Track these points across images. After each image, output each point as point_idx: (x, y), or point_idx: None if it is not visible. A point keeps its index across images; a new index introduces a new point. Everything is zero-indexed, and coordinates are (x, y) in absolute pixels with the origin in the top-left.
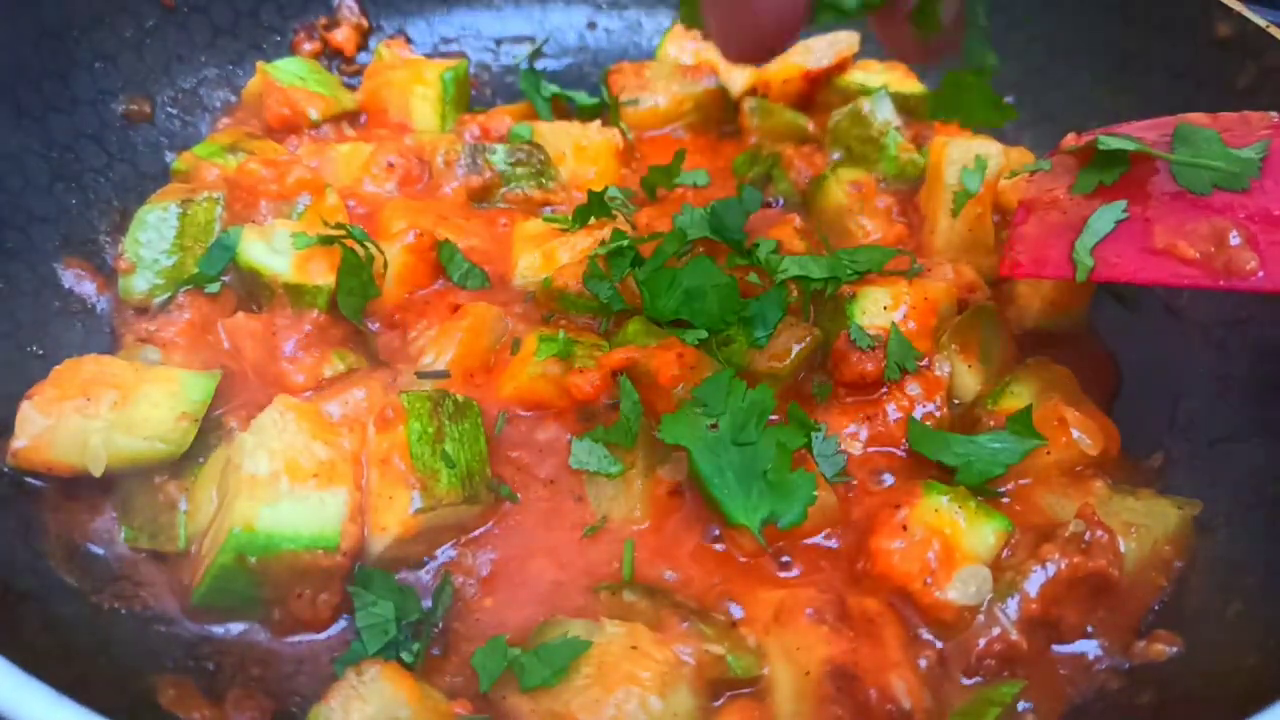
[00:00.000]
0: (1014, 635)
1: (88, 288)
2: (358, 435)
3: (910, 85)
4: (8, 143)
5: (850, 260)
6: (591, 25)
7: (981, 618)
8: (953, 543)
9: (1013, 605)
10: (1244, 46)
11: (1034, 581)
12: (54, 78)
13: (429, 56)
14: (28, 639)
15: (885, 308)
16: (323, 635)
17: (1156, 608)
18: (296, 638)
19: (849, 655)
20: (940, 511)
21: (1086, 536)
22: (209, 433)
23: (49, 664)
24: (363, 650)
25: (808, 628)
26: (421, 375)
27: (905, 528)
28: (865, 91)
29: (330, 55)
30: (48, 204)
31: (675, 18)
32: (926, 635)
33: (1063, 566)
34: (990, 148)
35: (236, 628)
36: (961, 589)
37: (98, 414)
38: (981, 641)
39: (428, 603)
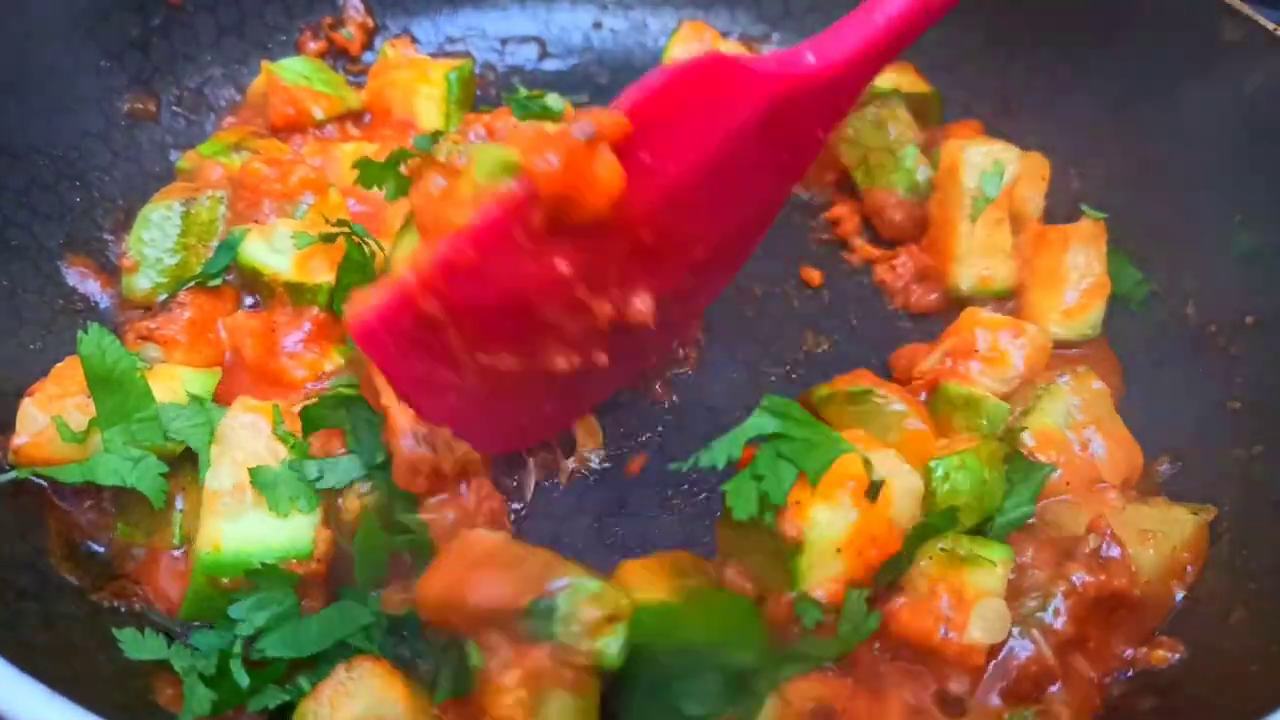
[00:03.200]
0: (1049, 657)
1: (91, 286)
2: None
3: (920, 86)
4: (13, 140)
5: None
6: (597, 25)
7: (1012, 645)
8: (960, 585)
9: (1044, 627)
10: (1251, 49)
11: (1061, 601)
12: (59, 76)
13: (434, 56)
14: (26, 636)
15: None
16: None
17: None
18: None
19: (843, 701)
20: (935, 559)
21: (1102, 551)
22: None
23: (47, 661)
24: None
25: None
26: None
27: (903, 586)
28: (877, 94)
29: (336, 54)
30: (52, 202)
31: (681, 18)
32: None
33: (1088, 583)
34: (1008, 153)
35: None
36: (984, 626)
37: None
38: (1015, 667)
39: None
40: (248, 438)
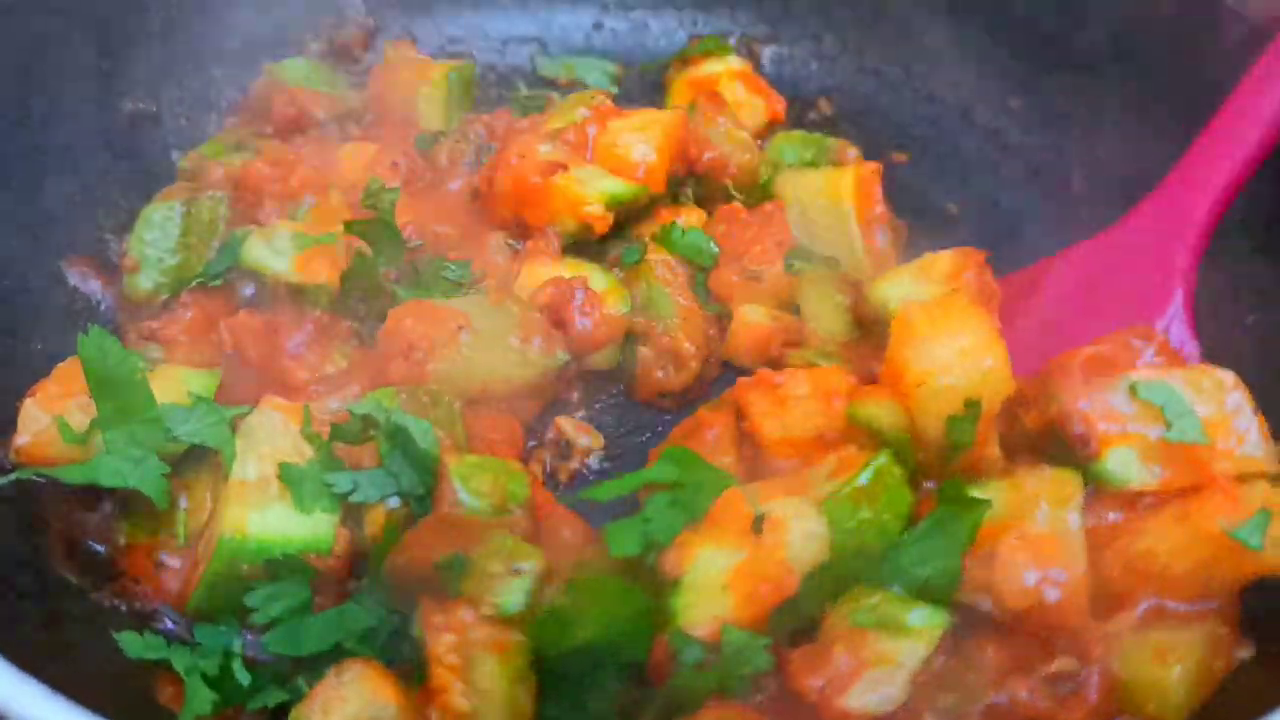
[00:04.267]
0: None
1: (93, 286)
2: None
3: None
4: (16, 141)
5: None
6: (597, 26)
7: None
8: (860, 645)
9: None
10: (1251, 50)
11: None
12: (62, 78)
13: (435, 57)
14: (27, 636)
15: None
16: None
17: None
18: None
19: None
20: (849, 612)
21: (1068, 679)
22: None
23: (48, 661)
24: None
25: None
26: None
27: (815, 636)
28: None
29: (337, 55)
30: (54, 202)
31: (682, 21)
32: None
33: (1027, 710)
34: None
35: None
36: (863, 696)
37: None
38: None
39: None
40: (274, 434)
